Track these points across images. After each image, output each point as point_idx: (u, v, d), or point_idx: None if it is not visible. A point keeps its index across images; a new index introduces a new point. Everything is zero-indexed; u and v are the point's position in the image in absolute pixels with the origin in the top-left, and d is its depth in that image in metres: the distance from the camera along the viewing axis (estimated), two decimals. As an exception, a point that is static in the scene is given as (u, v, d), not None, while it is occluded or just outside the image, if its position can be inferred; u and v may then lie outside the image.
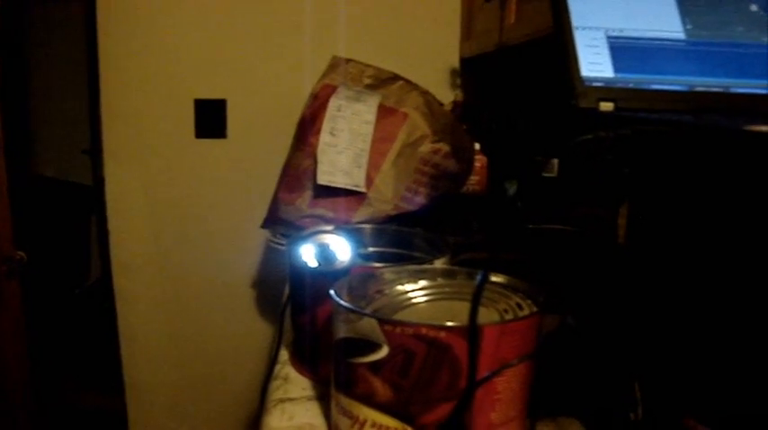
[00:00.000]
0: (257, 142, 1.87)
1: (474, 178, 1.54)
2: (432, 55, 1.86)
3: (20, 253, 1.45)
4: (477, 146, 1.53)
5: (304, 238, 0.74)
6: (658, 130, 0.42)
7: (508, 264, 0.75)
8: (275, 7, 1.80)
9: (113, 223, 1.92)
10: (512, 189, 1.53)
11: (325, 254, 0.71)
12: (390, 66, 1.63)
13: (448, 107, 1.74)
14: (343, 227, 0.83)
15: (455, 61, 1.88)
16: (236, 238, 1.91)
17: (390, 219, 1.33)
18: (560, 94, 0.57)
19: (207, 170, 1.88)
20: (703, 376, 0.51)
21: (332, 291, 0.60)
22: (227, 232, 1.92)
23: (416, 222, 1.38)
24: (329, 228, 0.77)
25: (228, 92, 1.84)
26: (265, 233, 1.79)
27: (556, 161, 1.27)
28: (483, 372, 0.54)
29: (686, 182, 0.48)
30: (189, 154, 1.87)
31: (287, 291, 1.13)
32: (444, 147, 1.35)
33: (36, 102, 3.20)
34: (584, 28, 0.62)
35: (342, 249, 0.72)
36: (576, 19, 0.62)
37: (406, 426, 0.56)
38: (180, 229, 1.93)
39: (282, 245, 1.33)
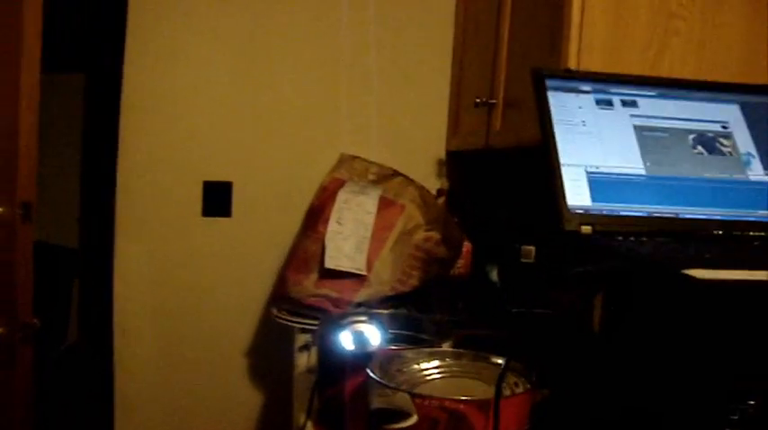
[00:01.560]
0: (259, 221, 2.01)
1: (460, 262, 1.68)
2: (421, 147, 2.03)
3: (35, 320, 1.51)
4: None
5: (340, 324, 0.89)
6: (622, 269, 0.59)
7: (496, 342, 0.90)
8: (281, 98, 1.98)
9: (119, 290, 2.03)
10: (493, 273, 1.66)
11: (359, 338, 0.86)
12: (383, 153, 1.81)
13: (434, 195, 1.91)
14: (371, 313, 0.97)
15: (442, 153, 2.06)
16: (237, 312, 2.03)
17: (387, 299, 1.47)
18: (550, 218, 0.74)
19: (212, 246, 2.01)
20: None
21: (368, 370, 0.74)
22: (229, 305, 2.03)
23: (409, 302, 1.52)
24: (362, 317, 0.91)
25: (234, 175, 2.00)
26: (262, 307, 1.92)
27: (533, 248, 1.41)
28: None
29: (644, 303, 0.65)
30: (196, 230, 2.01)
31: (296, 363, 1.26)
32: (435, 236, 1.52)
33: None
34: (569, 165, 0.79)
35: (373, 334, 0.87)
36: (562, 157, 0.79)
37: (428, 481, 0.69)
38: (183, 300, 2.04)
39: (288, 320, 1.46)
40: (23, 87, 1.29)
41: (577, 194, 0.77)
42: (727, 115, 0.92)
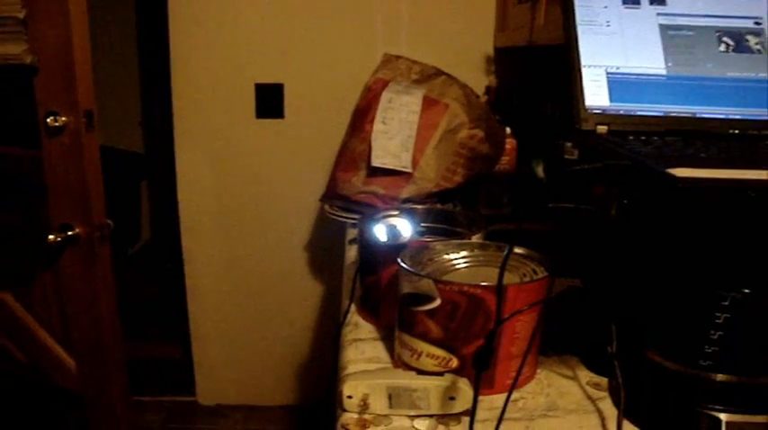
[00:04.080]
0: (310, 122, 2.09)
1: (504, 158, 1.72)
2: (469, 45, 2.04)
3: (108, 220, 1.60)
4: (507, 129, 1.71)
5: (375, 219, 0.97)
6: (616, 166, 0.63)
7: (531, 235, 0.96)
8: (327, 4, 2.00)
9: (182, 193, 2.17)
10: (538, 168, 1.69)
11: (392, 231, 0.94)
12: (431, 54, 1.83)
13: (483, 92, 1.93)
14: (402, 208, 1.05)
15: (490, 50, 2.06)
16: (292, 208, 2.15)
17: (432, 196, 1.54)
18: (568, 117, 0.78)
19: (266, 146, 2.11)
20: (661, 321, 0.73)
21: (399, 260, 0.82)
22: (284, 202, 2.15)
23: (454, 198, 1.59)
24: (395, 212, 0.99)
25: (285, 77, 2.06)
26: (316, 204, 2.02)
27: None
28: (506, 317, 0.76)
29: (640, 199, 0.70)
30: (250, 132, 2.10)
31: (347, 255, 1.36)
32: (479, 134, 1.56)
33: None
34: (590, 66, 0.82)
35: (404, 227, 0.95)
36: (584, 59, 0.82)
37: (451, 356, 0.79)
38: (242, 200, 2.17)
39: (339, 216, 1.56)
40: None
41: (596, 95, 0.80)
42: (763, 9, 0.91)
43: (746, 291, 0.67)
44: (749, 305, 0.68)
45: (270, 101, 2.07)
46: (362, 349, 0.93)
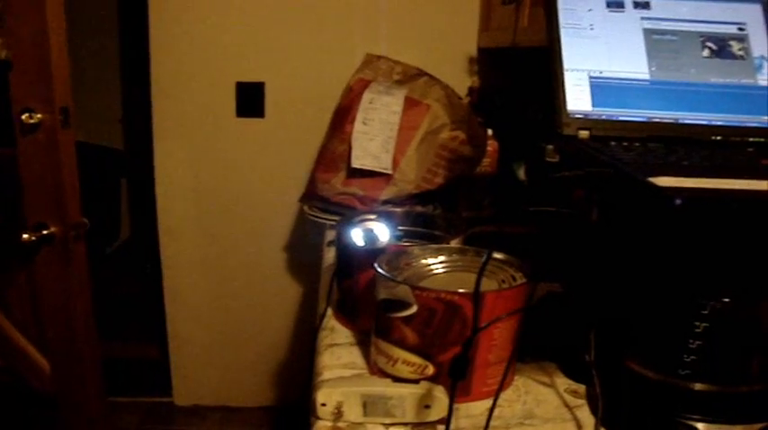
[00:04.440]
0: (291, 121, 2.07)
1: (486, 160, 1.71)
2: (452, 45, 2.03)
3: (84, 219, 1.57)
4: (489, 131, 1.71)
5: (353, 222, 0.95)
6: (598, 174, 0.62)
7: (511, 238, 0.95)
8: (310, 2, 1.98)
9: (160, 190, 2.13)
10: (520, 171, 1.68)
11: (369, 235, 0.92)
12: (413, 54, 1.82)
13: (465, 92, 1.92)
14: (381, 211, 1.03)
15: (473, 50, 2.05)
16: (272, 208, 2.12)
17: (412, 197, 1.53)
18: (550, 121, 0.77)
19: (246, 145, 2.09)
20: (640, 329, 0.72)
21: (376, 265, 0.80)
22: (264, 202, 2.13)
23: (435, 199, 1.57)
24: (373, 215, 0.97)
25: (266, 75, 2.04)
26: (295, 204, 2.00)
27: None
28: (483, 325, 0.75)
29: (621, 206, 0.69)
30: (230, 130, 2.07)
31: (325, 257, 1.34)
32: (461, 135, 1.54)
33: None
34: (572, 70, 0.81)
35: (382, 231, 0.93)
36: (567, 63, 0.81)
37: (427, 363, 0.77)
38: (220, 198, 2.14)
39: (318, 217, 1.54)
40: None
41: (578, 99, 0.79)
42: (747, 15, 0.91)
43: (726, 300, 0.67)
44: (729, 314, 0.67)
45: (251, 99, 2.04)
46: (338, 354, 0.91)
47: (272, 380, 2.37)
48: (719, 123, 0.81)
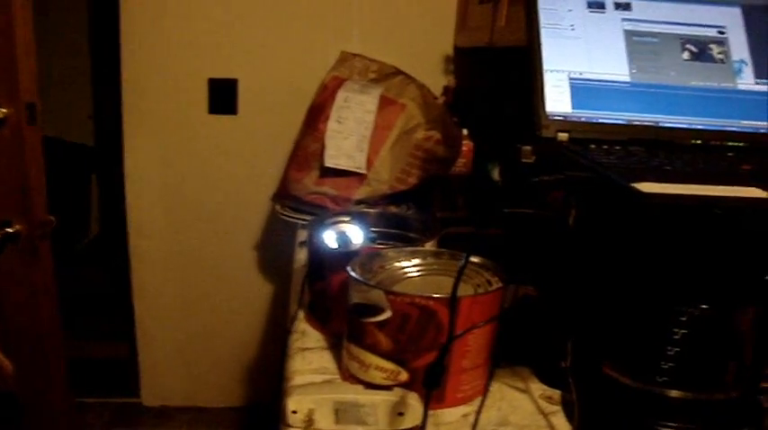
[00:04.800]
0: (264, 118, 2.03)
1: (460, 161, 1.70)
2: (428, 43, 2.01)
3: (51, 217, 1.54)
4: (464, 131, 1.69)
5: (325, 224, 0.92)
6: (579, 178, 0.60)
7: (486, 240, 0.93)
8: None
9: (131, 189, 2.09)
10: (494, 172, 1.67)
11: (342, 237, 0.89)
12: (389, 52, 1.79)
13: (440, 93, 1.90)
14: (354, 212, 1.01)
15: (449, 49, 2.03)
16: (244, 206, 2.09)
17: (386, 197, 1.51)
18: (529, 123, 0.75)
19: (218, 143, 2.05)
20: (618, 336, 0.70)
21: (349, 268, 0.78)
22: (236, 200, 2.09)
23: (408, 199, 1.55)
24: (346, 216, 0.95)
25: (239, 72, 2.00)
26: (268, 203, 1.97)
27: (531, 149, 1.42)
28: (459, 331, 0.73)
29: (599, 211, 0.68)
30: (202, 127, 2.03)
31: (296, 257, 1.31)
32: (436, 135, 1.53)
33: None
34: (552, 71, 0.79)
35: (355, 234, 0.90)
36: (546, 63, 0.80)
37: (401, 369, 0.75)
38: (191, 196, 2.10)
39: (290, 216, 1.51)
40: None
41: (558, 101, 0.77)
42: (727, 19, 0.90)
43: (704, 307, 0.66)
44: (707, 321, 0.67)
45: (223, 96, 2.00)
46: (309, 359, 0.89)
47: (241, 380, 2.33)
48: (699, 127, 0.80)
